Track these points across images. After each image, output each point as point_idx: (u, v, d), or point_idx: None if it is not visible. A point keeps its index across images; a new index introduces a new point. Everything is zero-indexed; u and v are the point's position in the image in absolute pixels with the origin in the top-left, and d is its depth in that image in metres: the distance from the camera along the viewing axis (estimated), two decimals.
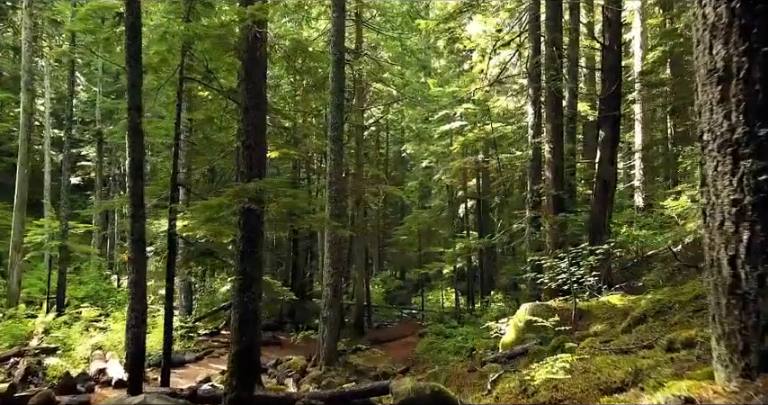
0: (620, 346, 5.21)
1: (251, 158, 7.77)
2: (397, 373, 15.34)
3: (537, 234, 13.55)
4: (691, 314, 5.71)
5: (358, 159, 21.14)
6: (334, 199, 14.83)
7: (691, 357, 3.62)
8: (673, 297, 6.42)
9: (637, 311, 6.72)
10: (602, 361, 4.31)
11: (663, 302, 6.41)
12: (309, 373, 14.29)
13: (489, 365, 8.38)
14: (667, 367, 3.54)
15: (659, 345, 4.61)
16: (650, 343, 4.93)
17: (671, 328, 5.58)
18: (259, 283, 7.86)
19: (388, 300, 28.64)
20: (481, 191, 24.07)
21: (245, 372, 7.54)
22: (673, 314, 6.04)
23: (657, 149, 24.13)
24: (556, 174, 13.37)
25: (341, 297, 16.02)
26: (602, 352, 5.06)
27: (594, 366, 4.26)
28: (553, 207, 13.25)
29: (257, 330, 7.86)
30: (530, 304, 9.73)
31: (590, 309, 9.23)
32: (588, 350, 5.42)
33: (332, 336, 14.65)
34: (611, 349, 5.11)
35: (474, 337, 16.69)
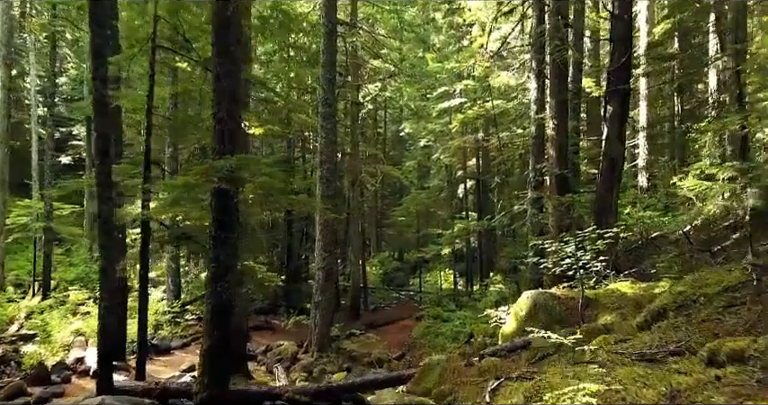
0: (641, 349, 4.41)
1: (223, 133, 6.89)
2: (391, 359, 14.65)
3: (539, 216, 12.71)
4: (721, 311, 4.91)
5: (353, 138, 20.20)
6: (326, 179, 13.98)
7: (744, 378, 2.84)
8: (696, 289, 5.61)
9: (655, 304, 5.92)
10: (627, 374, 3.52)
11: (685, 295, 5.59)
12: (301, 360, 13.61)
13: (488, 360, 7.61)
14: (714, 390, 2.75)
15: (694, 352, 3.81)
16: (680, 348, 4.13)
17: (699, 327, 4.77)
18: (234, 270, 7.06)
19: (386, 281, 27.92)
20: (481, 171, 23.16)
21: (218, 368, 6.77)
22: (698, 309, 5.23)
23: (663, 128, 23.17)
24: (560, 152, 12.49)
25: (334, 281, 15.27)
26: (621, 357, 4.25)
27: (618, 382, 3.47)
28: (557, 187, 12.39)
29: (233, 323, 7.06)
30: (532, 292, 8.93)
31: (597, 297, 8.43)
32: (604, 355, 4.61)
33: (324, 321, 13.94)
34: (632, 355, 4.31)
35: (472, 321, 15.96)
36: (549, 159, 12.71)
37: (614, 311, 7.69)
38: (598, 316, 7.81)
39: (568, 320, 8.23)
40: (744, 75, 14.00)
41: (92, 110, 8.28)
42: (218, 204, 6.87)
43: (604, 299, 8.33)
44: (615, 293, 8.40)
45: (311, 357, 13.65)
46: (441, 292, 22.45)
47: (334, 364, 13.55)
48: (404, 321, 19.36)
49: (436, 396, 6.56)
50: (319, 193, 14.04)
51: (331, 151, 14.08)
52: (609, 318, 7.50)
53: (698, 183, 8.97)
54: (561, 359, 6.44)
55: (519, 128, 19.59)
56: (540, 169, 13.13)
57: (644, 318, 5.85)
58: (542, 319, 8.41)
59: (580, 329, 7.26)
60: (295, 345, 14.56)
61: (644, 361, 3.99)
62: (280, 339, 15.79)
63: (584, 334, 6.87)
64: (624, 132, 12.81)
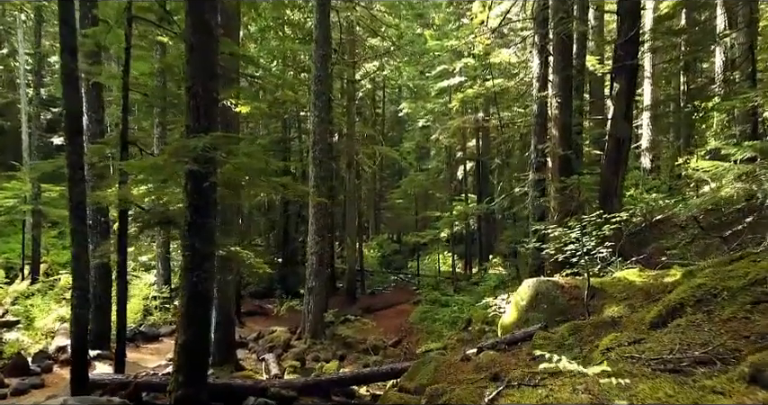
0: (661, 354, 3.81)
1: (198, 109, 6.24)
2: (387, 345, 14.17)
3: (541, 199, 12.10)
4: (749, 308, 4.31)
5: (350, 118, 19.49)
6: (319, 160, 13.35)
7: None
8: (718, 281, 5.00)
9: (671, 298, 5.32)
10: (651, 392, 2.94)
11: (706, 288, 4.99)
12: (293, 347, 13.11)
13: (486, 353, 7.06)
14: None
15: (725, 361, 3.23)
16: (707, 354, 3.54)
17: (724, 327, 4.18)
18: (212, 259, 6.46)
19: (384, 264, 27.40)
20: (481, 152, 22.47)
21: (194, 364, 6.22)
22: (721, 306, 4.63)
23: (669, 107, 22.41)
24: (563, 132, 11.82)
25: (327, 266, 14.71)
26: (639, 366, 3.66)
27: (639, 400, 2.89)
28: (559, 168, 11.76)
29: (221, 310, 6.49)
30: (534, 280, 8.35)
31: (603, 286, 7.85)
32: (618, 362, 4.03)
33: (318, 307, 13.43)
34: (650, 361, 3.72)
35: (470, 306, 15.47)
36: (552, 139, 12.06)
37: (622, 302, 7.11)
38: (604, 307, 7.23)
39: (572, 311, 7.66)
40: (757, 51, 13.29)
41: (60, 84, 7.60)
42: (192, 187, 6.25)
43: (611, 288, 7.75)
44: (622, 282, 7.81)
45: (304, 344, 13.16)
46: (439, 275, 21.93)
47: (328, 351, 13.06)
48: (401, 306, 18.88)
49: (429, 396, 6.00)
50: (312, 174, 13.42)
51: (323, 131, 13.41)
52: (616, 309, 6.92)
53: (714, 163, 8.28)
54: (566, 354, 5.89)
55: (520, 107, 18.86)
56: (542, 150, 12.48)
57: (658, 313, 5.26)
58: (544, 310, 7.86)
59: (585, 321, 6.70)
60: (288, 331, 14.05)
61: (667, 371, 3.39)
62: (273, 325, 15.30)
63: (591, 328, 6.31)
64: (631, 111, 12.13)
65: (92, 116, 11.18)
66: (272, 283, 21.89)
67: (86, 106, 11.35)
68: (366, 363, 12.59)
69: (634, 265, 8.96)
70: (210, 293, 6.46)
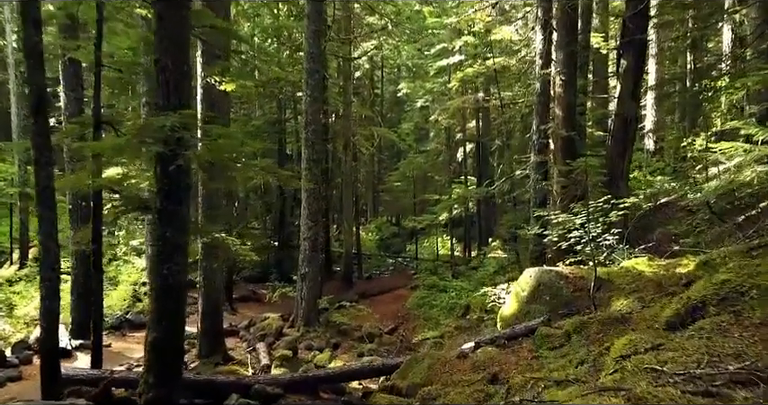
0: (687, 367, 3.24)
1: (167, 84, 5.60)
2: (383, 333, 13.67)
3: (543, 182, 11.48)
4: None
5: (346, 98, 18.76)
6: (312, 142, 12.70)
7: None
8: (745, 277, 4.43)
9: (691, 295, 4.74)
10: None
11: (731, 285, 4.42)
12: (286, 335, 12.60)
13: (484, 350, 6.52)
14: None
15: None
16: (746, 371, 2.97)
17: (757, 334, 3.61)
18: (184, 249, 5.88)
19: (382, 247, 26.88)
20: (481, 133, 21.76)
21: (166, 364, 5.68)
22: (750, 306, 4.06)
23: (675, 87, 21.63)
24: (567, 111, 11.15)
25: (321, 252, 14.15)
26: (663, 385, 3.09)
27: None
28: (562, 150, 11.11)
29: (183, 308, 5.92)
30: (536, 270, 7.78)
31: (610, 276, 7.28)
32: (636, 374, 3.45)
33: (311, 294, 12.90)
34: (675, 377, 3.14)
35: (469, 293, 14.95)
36: (555, 120, 11.39)
37: (630, 295, 6.54)
38: (612, 300, 6.67)
39: (576, 303, 7.11)
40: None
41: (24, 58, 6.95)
42: (162, 171, 5.63)
43: (618, 278, 7.17)
44: (631, 272, 7.24)
45: (297, 332, 12.66)
46: (437, 259, 21.38)
47: (322, 339, 12.56)
48: (398, 290, 18.38)
49: (422, 399, 5.47)
50: (305, 157, 12.79)
51: (316, 111, 12.75)
52: (625, 302, 6.36)
53: (732, 145, 7.64)
54: (572, 355, 5.34)
55: (522, 87, 18.12)
56: (544, 131, 11.82)
57: (675, 311, 4.69)
58: (546, 302, 7.31)
59: (592, 316, 6.14)
60: (281, 319, 13.53)
61: (699, 394, 2.82)
62: (267, 312, 14.77)
63: (598, 324, 5.75)
64: (639, 89, 11.48)
65: (69, 95, 10.53)
66: (267, 267, 21.40)
67: (64, 84, 10.72)
68: (361, 351, 12.11)
69: (642, 254, 8.39)
70: (183, 287, 5.89)
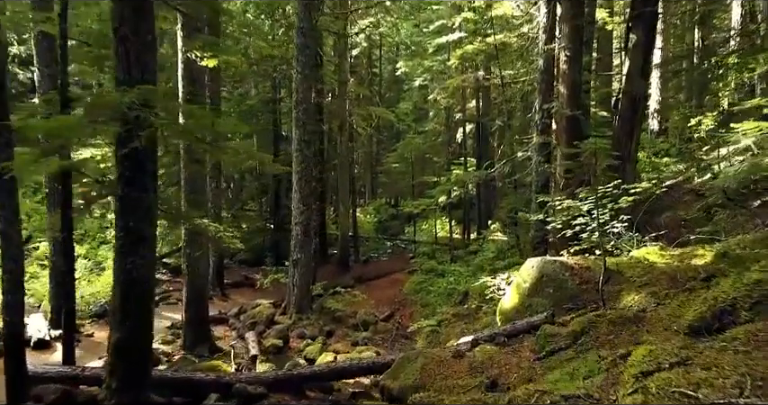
0: (727, 396, 2.65)
1: (127, 56, 4.94)
2: (378, 320, 13.15)
3: (546, 165, 10.83)
4: None
5: (341, 76, 17.99)
6: (303, 122, 12.02)
7: None
8: None
9: (717, 295, 4.15)
10: None
11: (765, 286, 3.82)
12: (278, 323, 12.09)
13: (483, 348, 5.96)
14: None
15: None
16: None
17: None
18: (151, 240, 5.28)
19: (380, 230, 26.28)
20: (481, 113, 21.01)
21: (132, 365, 5.12)
22: None
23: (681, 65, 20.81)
24: (572, 89, 10.45)
25: (316, 235, 13.57)
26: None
27: None
28: (567, 131, 10.45)
29: (151, 306, 5.34)
30: (538, 260, 7.18)
31: (619, 267, 6.68)
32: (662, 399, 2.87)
33: (303, 280, 12.36)
34: None
35: (467, 278, 14.40)
36: (559, 98, 10.70)
37: (642, 289, 5.95)
38: (622, 294, 6.08)
39: (583, 297, 6.52)
40: None
41: None
42: (123, 154, 5.00)
43: (629, 270, 6.58)
44: (642, 263, 6.64)
45: (289, 320, 12.15)
46: (436, 242, 20.80)
47: (315, 326, 12.06)
48: (395, 275, 17.84)
49: None
50: (295, 137, 12.13)
51: (308, 89, 12.04)
52: (636, 297, 5.77)
53: (757, 125, 6.96)
54: (580, 361, 4.77)
55: (523, 65, 17.33)
56: (547, 110, 11.13)
57: (700, 315, 4.10)
58: (550, 295, 6.72)
59: (601, 314, 5.56)
60: (273, 306, 13.05)
61: None
62: (259, 298, 14.27)
63: (609, 324, 5.17)
64: (649, 65, 10.75)
65: (43, 71, 9.84)
66: (263, 250, 20.87)
67: (38, 60, 10.01)
68: (355, 340, 11.61)
69: (653, 242, 7.79)
70: (150, 282, 5.30)
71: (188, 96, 9.34)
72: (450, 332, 10.99)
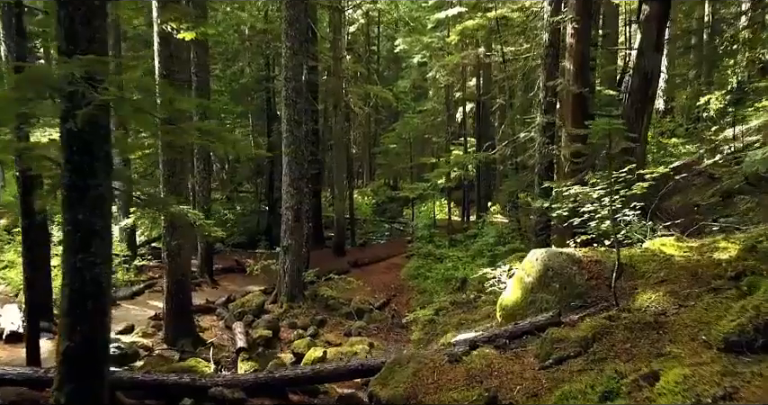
0: None
1: (71, 22, 4.22)
2: (374, 308, 12.57)
3: (550, 146, 10.12)
4: None
5: (336, 52, 17.14)
6: (292, 100, 11.28)
7: None
8: None
9: (761, 304, 3.51)
10: None
11: None
12: (268, 312, 11.51)
13: (481, 353, 5.34)
14: None
15: None
16: None
17: None
18: (105, 236, 4.62)
19: (378, 212, 25.62)
20: (481, 91, 20.17)
21: (85, 380, 4.50)
22: None
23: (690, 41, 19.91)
24: (580, 65, 9.68)
25: (309, 219, 12.91)
26: None
27: None
28: (573, 110, 9.71)
29: (107, 309, 4.70)
30: (543, 252, 6.52)
31: (632, 260, 6.04)
32: None
33: (294, 267, 11.76)
34: None
35: (466, 264, 13.80)
36: (565, 75, 9.93)
37: (660, 286, 5.31)
38: (637, 292, 5.44)
39: (592, 294, 5.88)
40: None
41: None
42: (69, 138, 4.31)
43: (643, 264, 5.93)
44: (658, 256, 5.99)
45: (280, 308, 11.57)
46: (435, 224, 20.13)
47: (306, 315, 11.48)
48: (393, 259, 17.25)
49: None
50: (285, 117, 11.39)
51: (297, 65, 11.26)
52: (653, 296, 5.13)
53: None
54: (593, 374, 4.14)
55: (526, 40, 16.46)
56: (552, 88, 10.38)
57: (739, 326, 3.45)
58: (556, 291, 6.09)
59: (614, 316, 4.92)
60: (263, 293, 12.46)
61: None
62: (250, 284, 13.70)
63: (625, 330, 4.53)
64: (663, 40, 9.96)
65: (10, 45, 9.03)
66: (257, 233, 20.24)
67: (3, 33, 9.20)
68: (348, 329, 11.05)
69: (667, 232, 7.13)
70: (106, 281, 4.65)
71: (164, 72, 8.59)
72: (448, 322, 10.40)
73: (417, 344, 10.33)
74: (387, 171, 26.94)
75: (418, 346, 10.30)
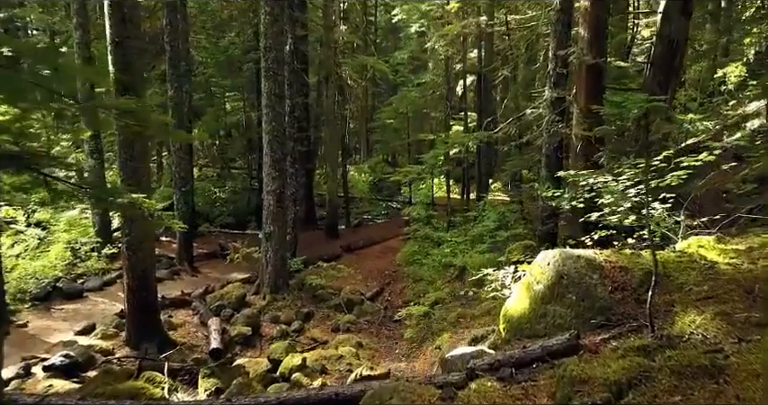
0: None
1: None
2: (365, 298, 11.52)
3: (560, 124, 8.87)
4: None
5: (326, 21, 15.72)
6: (273, 72, 10.01)
7: None
8: None
9: None
10: None
11: None
12: (249, 304, 10.46)
13: (480, 386, 4.25)
14: None
15: None
16: None
17: None
18: None
19: (375, 190, 24.40)
20: (483, 63, 18.76)
21: None
22: None
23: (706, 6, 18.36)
24: (596, 31, 8.37)
25: (291, 205, 11.78)
26: None
27: None
28: (588, 83, 8.44)
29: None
30: (556, 254, 5.36)
31: (666, 267, 4.89)
32: None
33: (278, 255, 10.67)
34: None
35: (465, 250, 12.67)
36: (579, 43, 8.62)
37: (707, 306, 4.17)
38: (675, 312, 4.32)
39: (618, 311, 4.75)
40: None
41: None
42: None
43: (680, 273, 4.80)
44: (697, 263, 4.85)
45: (263, 300, 10.51)
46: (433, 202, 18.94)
47: (291, 308, 10.44)
48: (388, 242, 16.16)
49: None
50: (265, 91, 10.13)
51: (278, 32, 9.94)
52: (699, 320, 4.01)
53: None
54: None
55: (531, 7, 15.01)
56: (563, 58, 9.05)
57: None
58: (573, 304, 4.96)
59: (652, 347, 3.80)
60: (245, 283, 11.41)
61: None
62: (234, 271, 12.62)
63: (671, 376, 3.41)
64: (692, 3, 8.62)
65: None
66: (247, 212, 19.11)
67: None
68: (336, 324, 10.03)
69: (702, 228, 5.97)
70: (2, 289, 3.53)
71: (116, 39, 7.33)
72: (445, 317, 9.38)
73: (410, 343, 9.33)
74: (384, 147, 25.65)
75: (411, 345, 9.32)
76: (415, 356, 8.59)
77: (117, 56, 7.44)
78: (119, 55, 7.43)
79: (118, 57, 7.44)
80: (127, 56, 7.48)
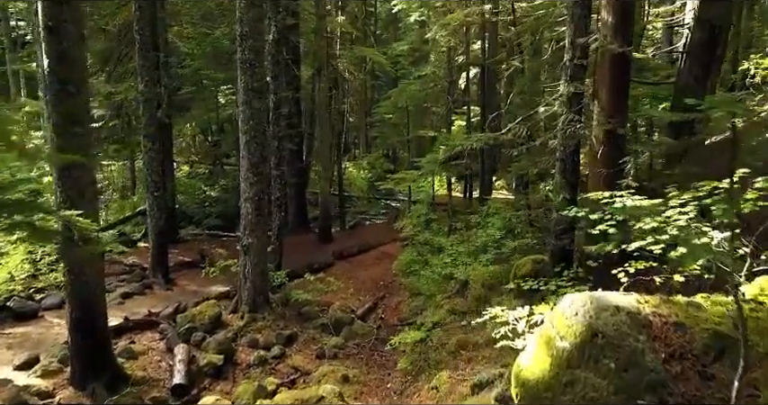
0: None
1: None
2: (356, 316, 10.23)
3: (578, 124, 7.51)
4: None
5: (318, 10, 14.33)
6: (250, 64, 8.68)
7: None
8: None
9: None
10: None
11: None
12: (224, 325, 9.21)
13: None
14: None
15: None
16: None
17: None
18: None
19: (374, 188, 23.05)
20: (487, 55, 17.35)
21: None
22: None
23: None
24: (622, 15, 7.00)
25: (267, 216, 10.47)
26: None
27: None
28: (612, 75, 7.09)
29: None
30: (584, 300, 4.00)
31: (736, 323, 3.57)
32: None
33: (257, 270, 9.41)
34: None
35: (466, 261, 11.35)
36: (602, 28, 7.25)
37: None
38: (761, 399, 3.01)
39: (678, 389, 3.43)
40: None
41: None
42: None
43: (759, 333, 3.48)
44: None
45: (240, 321, 9.27)
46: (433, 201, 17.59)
47: (272, 329, 9.20)
48: (385, 246, 14.88)
49: None
50: (241, 85, 8.81)
51: (255, 19, 8.59)
52: None
53: None
54: None
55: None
56: (582, 46, 7.67)
57: None
58: (611, 372, 3.63)
59: None
60: (223, 299, 10.16)
61: None
62: (215, 284, 11.32)
63: None
64: None
65: None
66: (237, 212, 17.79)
67: None
68: (321, 349, 8.80)
69: None
70: None
71: (50, 23, 6.02)
72: (445, 343, 8.13)
73: (404, 375, 8.06)
74: (383, 143, 24.28)
75: (405, 378, 8.04)
76: (410, 394, 7.34)
77: (51, 44, 6.14)
78: (53, 42, 6.13)
79: (52, 45, 6.13)
80: (64, 44, 6.17)
